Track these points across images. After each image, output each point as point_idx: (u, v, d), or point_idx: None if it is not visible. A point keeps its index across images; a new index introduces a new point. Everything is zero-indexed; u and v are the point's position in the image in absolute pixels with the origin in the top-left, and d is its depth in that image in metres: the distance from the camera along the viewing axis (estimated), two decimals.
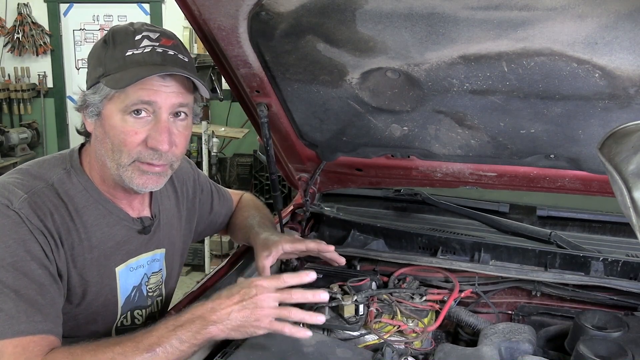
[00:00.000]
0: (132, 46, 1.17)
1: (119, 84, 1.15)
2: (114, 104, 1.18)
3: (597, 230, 1.90)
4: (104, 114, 1.20)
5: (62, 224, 1.19)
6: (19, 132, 6.20)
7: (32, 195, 1.17)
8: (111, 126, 1.19)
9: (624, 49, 1.14)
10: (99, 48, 1.22)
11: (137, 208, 1.37)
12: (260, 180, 5.41)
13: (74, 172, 1.26)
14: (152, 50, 1.17)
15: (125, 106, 1.17)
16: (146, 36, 1.18)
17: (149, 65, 1.16)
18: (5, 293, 1.07)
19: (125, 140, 1.19)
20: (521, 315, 1.53)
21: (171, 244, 1.47)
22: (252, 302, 1.11)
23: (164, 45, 1.19)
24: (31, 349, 1.05)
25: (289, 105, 1.62)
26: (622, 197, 0.83)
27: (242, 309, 1.11)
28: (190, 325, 1.10)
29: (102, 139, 1.22)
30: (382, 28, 1.23)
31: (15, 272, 1.09)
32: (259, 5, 1.24)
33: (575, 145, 1.51)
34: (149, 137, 1.19)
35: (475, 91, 1.38)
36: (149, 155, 1.21)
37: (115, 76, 1.16)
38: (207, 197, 1.67)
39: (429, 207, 2.05)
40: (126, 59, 1.16)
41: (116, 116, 1.18)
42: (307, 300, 1.17)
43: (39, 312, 1.09)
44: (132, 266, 1.35)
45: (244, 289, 1.14)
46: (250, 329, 1.12)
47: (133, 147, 1.19)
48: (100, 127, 1.22)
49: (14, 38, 6.60)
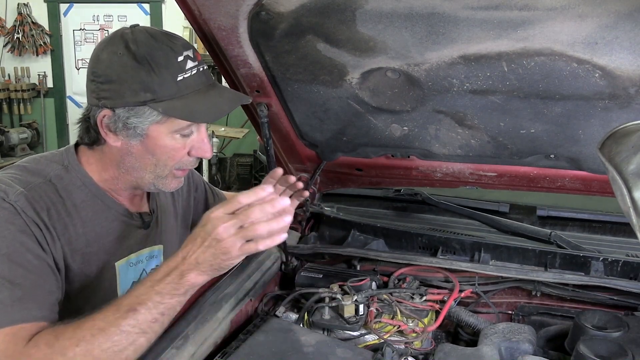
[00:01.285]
0: (180, 70, 1.18)
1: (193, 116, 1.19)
2: (164, 127, 1.20)
3: (597, 230, 1.89)
4: (150, 134, 1.21)
5: (59, 219, 1.19)
6: (19, 132, 6.21)
7: (29, 190, 1.17)
8: (159, 146, 1.22)
9: (624, 49, 1.14)
10: (132, 68, 1.16)
11: (137, 203, 1.38)
12: (260, 180, 5.41)
13: (72, 168, 1.27)
14: (197, 72, 1.22)
15: (179, 129, 1.21)
16: (187, 56, 1.20)
17: (201, 86, 1.21)
18: (1, 283, 1.07)
19: (174, 156, 1.24)
20: (521, 315, 1.53)
21: (168, 241, 1.48)
22: (212, 239, 1.06)
23: (201, 62, 1.24)
24: (20, 334, 1.04)
25: (289, 105, 1.62)
26: (622, 197, 0.83)
27: (206, 249, 1.07)
28: (167, 277, 1.08)
29: (140, 156, 1.24)
30: (382, 28, 1.23)
31: (11, 262, 1.09)
32: (259, 5, 1.24)
33: (575, 145, 1.51)
34: (192, 147, 1.26)
35: (475, 91, 1.38)
36: (189, 163, 1.28)
37: (175, 103, 1.17)
38: (202, 195, 1.69)
39: (429, 207, 2.05)
40: (179, 85, 1.18)
41: (166, 137, 1.22)
42: (267, 211, 1.06)
43: (34, 301, 1.09)
44: (131, 261, 1.36)
45: (202, 228, 1.08)
46: (223, 263, 1.07)
47: (180, 159, 1.25)
48: (139, 145, 1.22)
49: (14, 38, 6.61)
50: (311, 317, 1.41)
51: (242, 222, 1.05)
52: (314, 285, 1.51)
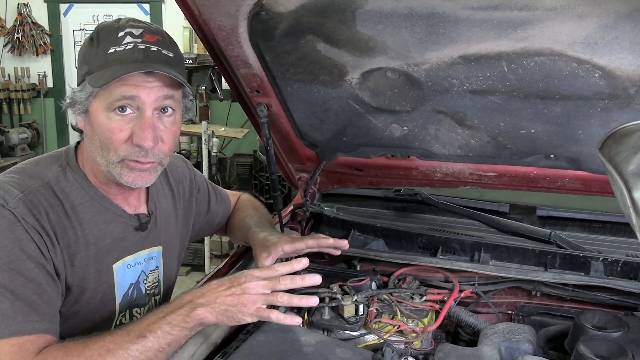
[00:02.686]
0: (115, 43, 1.17)
1: (99, 81, 1.15)
2: (99, 102, 1.18)
3: (597, 230, 1.89)
4: (91, 111, 1.20)
5: (58, 222, 1.19)
6: (19, 132, 6.20)
7: (27, 194, 1.17)
8: (97, 124, 1.19)
9: (624, 49, 1.14)
10: (85, 46, 1.22)
11: (134, 204, 1.37)
12: (260, 180, 5.41)
13: (69, 169, 1.27)
14: (134, 46, 1.17)
15: (109, 103, 1.17)
16: (129, 32, 1.18)
17: (130, 62, 1.16)
18: (2, 293, 1.07)
19: (111, 137, 1.19)
20: (521, 315, 1.53)
21: (168, 242, 1.47)
22: (240, 288, 1.13)
23: (147, 42, 1.18)
24: (27, 347, 1.05)
25: (289, 105, 1.62)
26: (622, 197, 0.83)
27: (229, 294, 1.13)
28: (179, 309, 1.12)
29: (91, 136, 1.23)
30: (382, 28, 1.23)
31: (12, 271, 1.09)
32: (259, 5, 1.24)
33: (575, 145, 1.51)
34: (133, 134, 1.19)
35: (475, 91, 1.38)
36: (135, 153, 1.20)
37: (97, 74, 1.16)
38: (204, 196, 1.67)
39: (429, 207, 2.05)
40: (108, 57, 1.16)
41: (101, 114, 1.19)
42: (297, 284, 1.18)
43: (36, 312, 1.09)
44: (129, 263, 1.35)
45: (234, 277, 1.16)
46: (237, 314, 1.13)
47: (119, 145, 1.19)
48: (88, 125, 1.23)
49: (14, 38, 6.60)
50: (311, 317, 1.41)
51: (273, 287, 1.15)
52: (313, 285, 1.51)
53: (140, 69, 1.15)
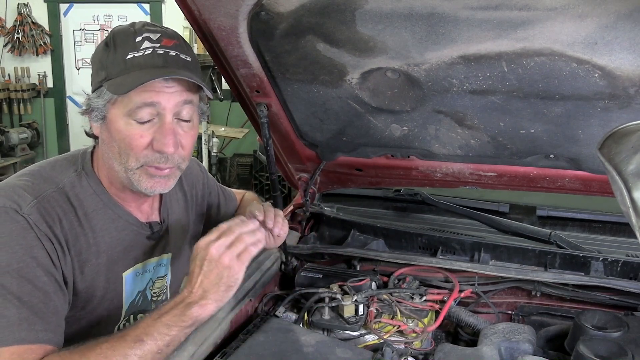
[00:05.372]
0: (133, 49, 1.15)
1: (120, 89, 1.13)
2: (118, 108, 1.17)
3: (597, 230, 1.90)
4: (109, 118, 1.19)
5: (71, 229, 1.18)
6: (19, 132, 6.21)
7: (41, 200, 1.16)
8: (117, 130, 1.18)
9: (624, 49, 1.14)
10: (101, 51, 1.20)
11: (147, 212, 1.36)
12: (260, 180, 5.42)
13: (84, 175, 1.26)
14: (153, 52, 1.16)
15: (129, 110, 1.16)
16: (147, 37, 1.17)
17: (150, 68, 1.15)
18: (9, 299, 1.06)
19: (131, 144, 1.18)
20: (521, 315, 1.53)
21: (178, 249, 1.47)
22: (209, 262, 1.11)
23: (165, 46, 1.17)
24: (26, 357, 1.04)
25: (289, 105, 1.62)
26: (622, 197, 0.83)
27: (208, 273, 1.11)
28: (173, 310, 1.11)
29: (108, 143, 1.21)
30: (382, 28, 1.23)
31: (20, 278, 1.08)
32: (259, 5, 1.24)
33: (575, 145, 1.51)
34: (154, 140, 1.18)
35: (475, 91, 1.38)
36: (155, 159, 1.20)
37: (117, 80, 1.15)
38: (215, 199, 1.68)
39: (429, 207, 2.05)
40: (127, 63, 1.15)
41: (121, 120, 1.17)
42: (249, 227, 1.17)
43: (41, 321, 1.08)
44: (138, 271, 1.35)
45: (195, 259, 1.14)
46: (230, 279, 1.12)
47: (139, 151, 1.18)
48: (106, 131, 1.21)
49: (14, 38, 6.61)
50: (311, 317, 1.41)
51: (229, 239, 1.13)
52: (313, 285, 1.51)
53: (162, 74, 1.14)
